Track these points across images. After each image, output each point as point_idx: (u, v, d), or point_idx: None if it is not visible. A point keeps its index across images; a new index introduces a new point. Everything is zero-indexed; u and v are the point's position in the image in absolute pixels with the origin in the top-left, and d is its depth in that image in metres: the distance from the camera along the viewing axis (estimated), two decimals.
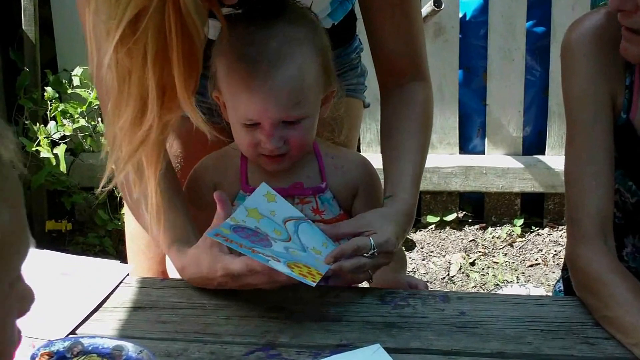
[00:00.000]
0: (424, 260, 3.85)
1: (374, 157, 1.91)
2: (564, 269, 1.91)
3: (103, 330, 1.53)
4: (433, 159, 4.00)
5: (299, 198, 1.74)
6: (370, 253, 1.57)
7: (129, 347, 1.42)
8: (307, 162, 1.75)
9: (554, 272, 3.71)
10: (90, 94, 3.55)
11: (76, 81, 3.59)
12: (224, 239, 1.52)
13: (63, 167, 3.58)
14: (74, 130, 3.61)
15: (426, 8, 3.75)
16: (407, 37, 1.79)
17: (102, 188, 1.59)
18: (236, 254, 1.55)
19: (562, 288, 1.95)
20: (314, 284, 1.48)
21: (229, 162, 1.77)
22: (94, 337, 1.45)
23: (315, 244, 1.60)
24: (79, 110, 3.57)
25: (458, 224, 4.08)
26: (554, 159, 3.94)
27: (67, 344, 1.42)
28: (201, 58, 1.48)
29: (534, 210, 4.09)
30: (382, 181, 1.80)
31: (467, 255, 3.87)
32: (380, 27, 1.78)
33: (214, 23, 1.67)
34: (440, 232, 4.04)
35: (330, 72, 1.69)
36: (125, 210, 2.01)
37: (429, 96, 1.84)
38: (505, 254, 3.88)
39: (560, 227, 3.99)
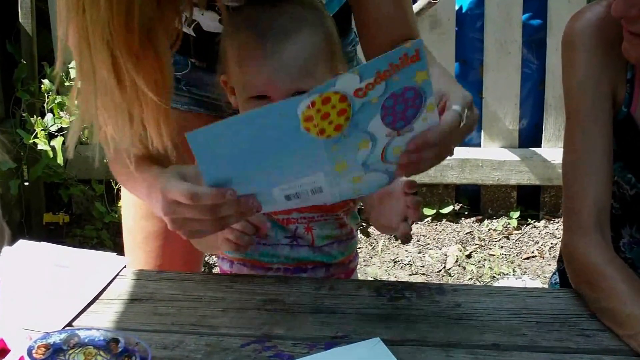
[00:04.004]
0: (420, 252, 3.85)
1: None
2: (560, 261, 1.91)
3: (99, 323, 1.53)
4: None
5: None
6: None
7: (125, 339, 1.42)
8: None
9: (550, 265, 3.72)
10: None
11: (73, 73, 3.58)
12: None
13: (60, 160, 3.57)
14: (71, 122, 3.61)
15: (422, 1, 3.75)
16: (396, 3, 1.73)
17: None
18: None
19: (558, 280, 1.95)
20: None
21: None
22: (90, 329, 1.45)
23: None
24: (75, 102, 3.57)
25: (454, 217, 4.09)
26: (550, 151, 3.95)
27: (63, 336, 1.42)
28: None
29: (530, 202, 4.09)
30: None
31: (464, 247, 3.87)
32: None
33: (213, 16, 1.67)
34: (436, 225, 4.04)
35: (338, 58, 1.68)
36: (123, 203, 2.00)
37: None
38: (502, 247, 3.88)
39: (556, 220, 4.00)
